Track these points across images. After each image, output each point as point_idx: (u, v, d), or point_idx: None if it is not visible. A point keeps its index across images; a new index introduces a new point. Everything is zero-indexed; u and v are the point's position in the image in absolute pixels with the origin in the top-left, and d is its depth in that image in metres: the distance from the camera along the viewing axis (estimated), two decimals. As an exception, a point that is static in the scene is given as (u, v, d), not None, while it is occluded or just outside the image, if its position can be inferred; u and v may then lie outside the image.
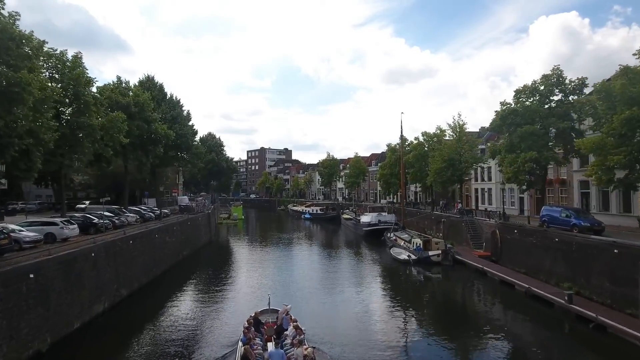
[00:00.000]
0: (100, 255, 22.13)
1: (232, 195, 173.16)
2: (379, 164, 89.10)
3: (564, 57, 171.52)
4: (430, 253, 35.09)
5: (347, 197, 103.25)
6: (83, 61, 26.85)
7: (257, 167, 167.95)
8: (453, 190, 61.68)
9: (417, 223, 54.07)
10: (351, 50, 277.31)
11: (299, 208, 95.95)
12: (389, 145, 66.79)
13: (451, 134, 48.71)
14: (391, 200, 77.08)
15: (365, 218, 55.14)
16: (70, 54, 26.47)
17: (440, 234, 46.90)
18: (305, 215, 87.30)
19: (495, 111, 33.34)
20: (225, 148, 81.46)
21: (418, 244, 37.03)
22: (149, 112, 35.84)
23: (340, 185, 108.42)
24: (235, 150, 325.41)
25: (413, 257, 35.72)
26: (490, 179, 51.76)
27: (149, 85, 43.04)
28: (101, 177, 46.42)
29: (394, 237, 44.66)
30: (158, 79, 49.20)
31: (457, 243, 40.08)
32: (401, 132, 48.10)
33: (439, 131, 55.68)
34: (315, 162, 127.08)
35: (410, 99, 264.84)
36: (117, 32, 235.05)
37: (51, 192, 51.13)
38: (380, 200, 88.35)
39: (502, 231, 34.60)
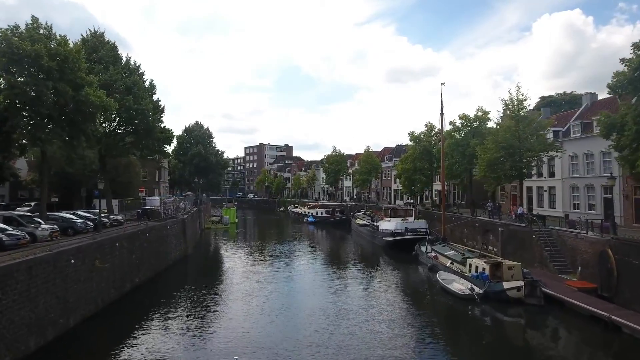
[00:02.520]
0: None
1: (228, 194, 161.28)
2: (394, 159, 76.95)
3: (568, 56, 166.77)
4: (506, 285, 22.72)
5: (355, 197, 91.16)
6: None
7: (255, 165, 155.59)
8: (493, 190, 49.45)
9: (452, 232, 41.88)
10: (353, 49, 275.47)
11: (301, 210, 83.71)
12: (411, 134, 54.53)
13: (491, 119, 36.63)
14: (411, 201, 64.76)
15: (387, 225, 42.88)
16: None
17: (493, 248, 34.66)
18: (309, 219, 75.11)
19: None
20: (214, 140, 69.44)
21: (481, 269, 24.73)
22: (79, 72, 23.66)
23: (347, 183, 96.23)
24: (236, 150, 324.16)
25: (477, 289, 23.41)
26: (553, 174, 39.46)
27: (95, 44, 31.04)
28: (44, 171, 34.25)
29: (434, 254, 32.41)
30: (110, 36, 36.96)
31: (525, 264, 27.98)
32: (441, 109, 35.70)
33: (481, 113, 43.52)
34: (319, 158, 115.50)
35: (412, 98, 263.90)
36: (117, 31, 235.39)
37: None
38: (394, 201, 76.17)
39: (619, 252, 22.34)
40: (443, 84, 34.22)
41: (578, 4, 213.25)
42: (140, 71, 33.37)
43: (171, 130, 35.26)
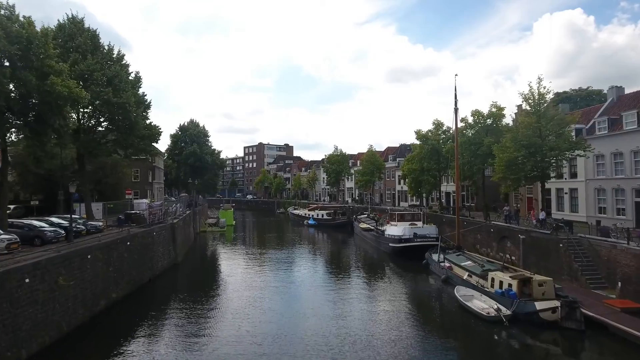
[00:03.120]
0: None
1: (227, 195, 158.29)
2: (398, 159, 73.85)
3: (569, 55, 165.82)
4: (539, 305, 19.49)
5: (357, 198, 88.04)
6: None
7: (254, 165, 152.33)
8: (505, 192, 46.26)
9: (464, 237, 38.66)
10: (353, 49, 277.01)
11: (302, 212, 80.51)
12: (418, 133, 51.36)
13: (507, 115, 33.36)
14: (417, 203, 61.61)
15: (394, 230, 39.66)
16: None
17: (511, 257, 31.50)
18: (309, 221, 71.89)
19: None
20: (210, 138, 66.18)
21: (507, 285, 21.51)
22: (46, 60, 20.49)
23: (349, 184, 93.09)
24: (237, 150, 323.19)
25: (503, 309, 20.21)
26: (575, 175, 36.25)
27: (73, 30, 27.80)
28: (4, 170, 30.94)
29: (447, 264, 29.19)
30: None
31: (551, 276, 24.82)
32: (455, 103, 32.44)
33: (495, 109, 40.35)
34: (319, 159, 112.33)
35: (413, 98, 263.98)
36: (117, 30, 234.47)
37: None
38: (398, 203, 73.00)
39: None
40: (456, 75, 31.10)
41: (579, 3, 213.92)
42: (124, 62, 30.14)
43: (157, 127, 32.09)
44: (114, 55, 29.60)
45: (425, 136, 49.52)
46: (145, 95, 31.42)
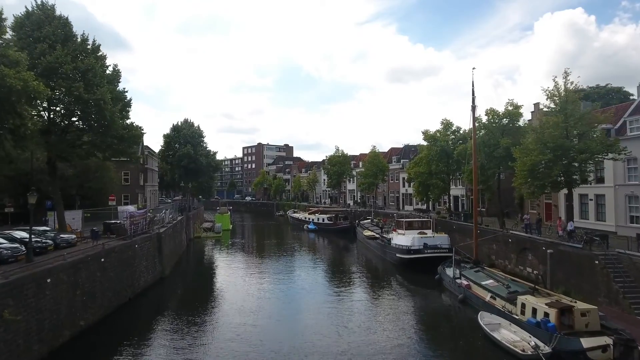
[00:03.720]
0: None
1: (226, 196, 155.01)
2: (402, 160, 70.57)
3: (570, 55, 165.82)
4: (585, 342, 16.11)
5: (359, 200, 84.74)
6: None
7: (253, 166, 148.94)
8: (520, 197, 42.95)
9: (471, 245, 35.34)
10: (354, 49, 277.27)
11: (301, 215, 77.24)
12: (425, 133, 48.03)
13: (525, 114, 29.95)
14: (423, 206, 58.27)
15: (401, 240, 36.32)
16: None
17: (533, 271, 28.25)
18: (309, 226, 68.59)
19: None
20: (206, 139, 62.83)
21: (542, 314, 18.17)
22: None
23: (351, 186, 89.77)
24: (237, 150, 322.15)
25: (541, 346, 16.85)
26: (601, 179, 32.91)
27: (40, 18, 24.40)
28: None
29: (465, 281, 25.83)
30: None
31: (585, 297, 21.61)
32: (473, 101, 28.91)
33: (511, 107, 37.04)
34: (320, 159, 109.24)
35: (413, 98, 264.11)
36: (117, 30, 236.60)
37: None
38: (403, 206, 69.71)
39: None
40: (474, 69, 27.65)
41: (580, 2, 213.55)
42: (100, 53, 26.78)
43: (139, 127, 28.79)
44: (89, 47, 26.26)
45: (434, 137, 46.17)
46: (126, 91, 28.10)
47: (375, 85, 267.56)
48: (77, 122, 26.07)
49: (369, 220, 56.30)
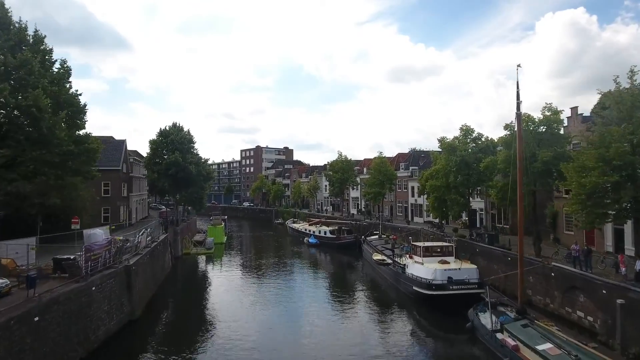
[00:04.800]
0: None
1: (223, 200, 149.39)
2: (411, 168, 64.84)
3: (572, 55, 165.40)
4: None
5: (364, 209, 79.04)
6: None
7: (252, 169, 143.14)
8: (553, 216, 37.30)
9: (508, 278, 29.70)
10: (354, 49, 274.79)
11: (301, 226, 71.47)
12: (442, 141, 42.32)
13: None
14: (435, 219, 52.34)
15: (420, 270, 30.54)
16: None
17: (586, 317, 22.56)
18: (310, 240, 62.83)
19: None
20: (196, 145, 57.09)
21: None
22: None
23: (354, 194, 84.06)
24: (238, 150, 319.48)
25: None
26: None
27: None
28: None
29: (512, 341, 19.96)
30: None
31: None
32: (518, 106, 22.81)
33: (549, 112, 31.35)
34: (321, 163, 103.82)
35: (414, 98, 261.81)
36: (118, 30, 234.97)
37: None
38: (412, 217, 64.00)
39: None
40: (519, 66, 21.74)
41: (582, 2, 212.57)
42: (44, 46, 21.12)
43: (96, 140, 23.18)
44: (29, 37, 20.61)
45: (452, 145, 40.38)
46: (79, 94, 22.37)
47: (377, 85, 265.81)
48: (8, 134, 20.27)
49: (377, 237, 50.56)
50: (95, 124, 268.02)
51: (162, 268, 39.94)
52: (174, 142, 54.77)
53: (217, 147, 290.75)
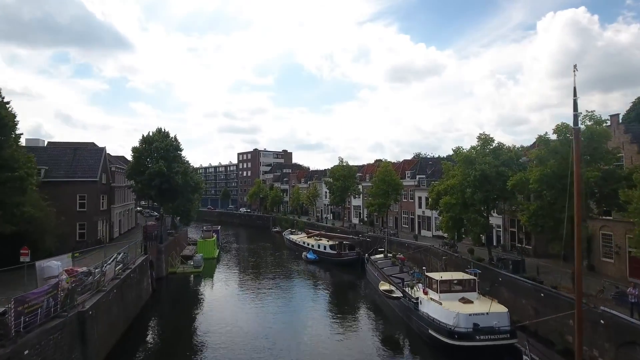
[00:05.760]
0: None
1: (220, 205, 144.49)
2: (418, 176, 59.92)
3: (573, 54, 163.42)
4: None
5: (366, 219, 74.16)
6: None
7: (249, 173, 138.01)
8: (589, 239, 32.20)
9: (538, 314, 24.70)
10: (355, 48, 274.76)
11: (299, 238, 66.40)
12: (457, 152, 37.32)
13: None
14: (445, 234, 47.09)
15: (437, 311, 25.45)
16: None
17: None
18: (308, 255, 57.82)
19: None
20: (182, 153, 52.00)
21: None
22: None
23: (356, 202, 79.10)
24: (237, 150, 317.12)
25: None
26: None
27: None
28: None
29: None
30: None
31: None
32: (575, 120, 17.99)
33: (590, 122, 26.37)
34: (321, 165, 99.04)
35: (415, 98, 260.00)
36: (118, 29, 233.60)
37: None
38: (419, 230, 59.05)
39: None
40: (575, 67, 16.77)
41: (583, 1, 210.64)
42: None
43: (28, 157, 18.09)
44: None
45: (469, 157, 35.31)
46: (6, 104, 17.29)
47: (377, 84, 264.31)
48: None
49: (382, 255, 45.51)
50: (96, 124, 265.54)
51: (139, 297, 34.91)
52: (158, 150, 49.72)
53: (217, 147, 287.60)
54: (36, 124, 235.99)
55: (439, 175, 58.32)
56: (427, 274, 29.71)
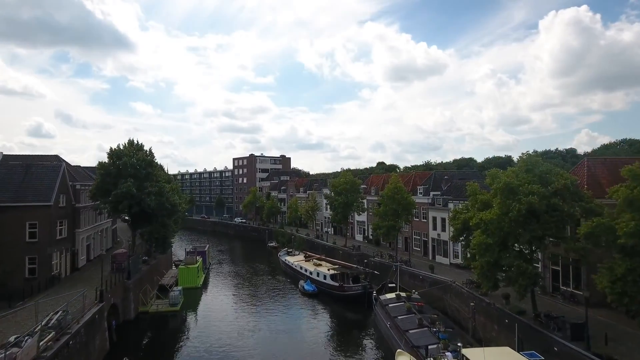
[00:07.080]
0: None
1: (215, 214, 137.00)
2: (432, 193, 52.17)
3: (575, 53, 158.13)
4: None
5: (371, 237, 66.40)
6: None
7: (245, 180, 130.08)
8: None
9: None
10: (356, 47, 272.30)
11: (296, 261, 58.37)
12: (493, 175, 29.41)
13: None
14: (467, 264, 39.23)
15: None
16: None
17: None
18: (305, 286, 49.96)
19: None
20: (158, 168, 44.16)
21: None
22: None
23: (360, 218, 71.29)
24: (238, 151, 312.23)
25: None
26: None
27: None
28: None
29: None
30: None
31: None
32: None
33: None
34: (322, 166, 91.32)
35: (416, 97, 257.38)
36: (118, 28, 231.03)
37: None
38: (434, 256, 51.29)
39: None
40: None
41: (585, 0, 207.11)
42: None
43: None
44: None
45: (510, 185, 27.23)
46: None
47: (378, 83, 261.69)
48: None
49: (394, 295, 37.48)
50: (96, 123, 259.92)
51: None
52: (127, 167, 41.80)
53: (217, 146, 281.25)
54: (36, 124, 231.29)
55: (456, 193, 50.47)
56: (464, 352, 21.73)
